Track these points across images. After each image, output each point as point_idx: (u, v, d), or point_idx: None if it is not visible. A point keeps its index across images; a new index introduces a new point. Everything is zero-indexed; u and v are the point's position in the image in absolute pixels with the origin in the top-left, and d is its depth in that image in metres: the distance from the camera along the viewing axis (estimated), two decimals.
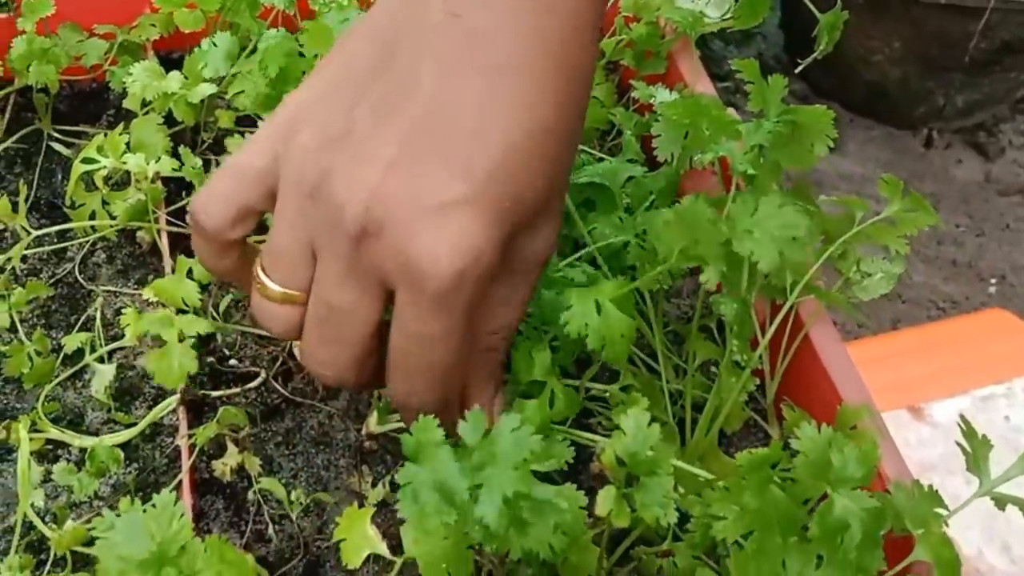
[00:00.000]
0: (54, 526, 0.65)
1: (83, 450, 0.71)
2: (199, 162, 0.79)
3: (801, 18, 2.09)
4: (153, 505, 0.52)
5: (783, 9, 2.12)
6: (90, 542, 0.61)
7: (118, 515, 0.52)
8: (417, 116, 0.48)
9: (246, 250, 0.56)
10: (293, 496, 0.69)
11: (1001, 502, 0.60)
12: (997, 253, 2.11)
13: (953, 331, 1.53)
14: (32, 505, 0.66)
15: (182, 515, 0.52)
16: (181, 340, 0.69)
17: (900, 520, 0.59)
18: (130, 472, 0.72)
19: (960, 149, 2.17)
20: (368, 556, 0.66)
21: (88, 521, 0.68)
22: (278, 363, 0.77)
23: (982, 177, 2.15)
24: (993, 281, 2.11)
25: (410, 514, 0.49)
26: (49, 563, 0.66)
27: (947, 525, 0.60)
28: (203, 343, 0.75)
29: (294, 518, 0.70)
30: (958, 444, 0.61)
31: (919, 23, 1.85)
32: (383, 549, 0.59)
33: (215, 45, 0.77)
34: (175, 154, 0.79)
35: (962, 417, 0.61)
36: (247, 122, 0.89)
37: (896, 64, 1.98)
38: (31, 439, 0.68)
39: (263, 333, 0.78)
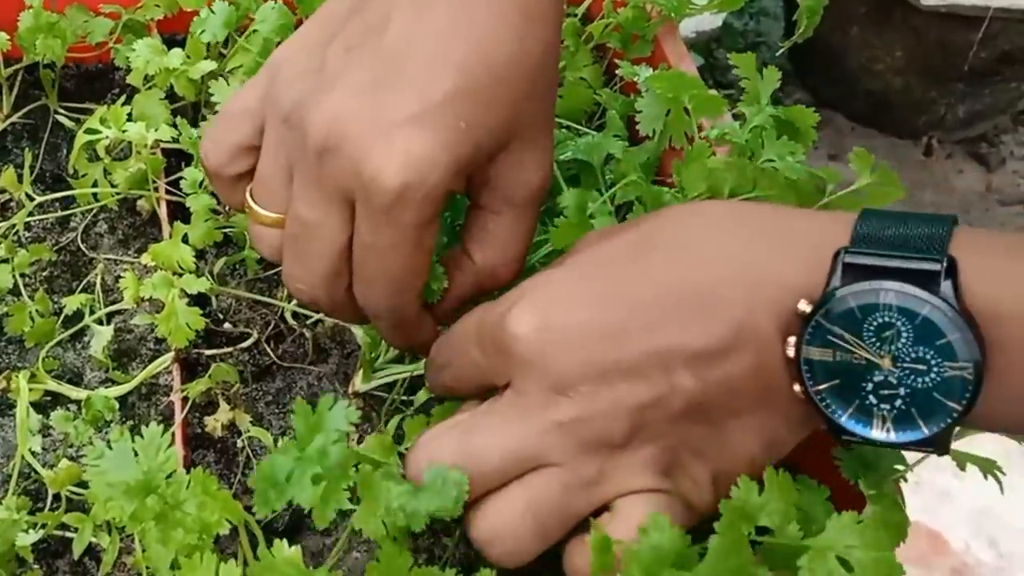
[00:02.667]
0: (49, 470, 0.68)
1: (80, 403, 0.73)
2: (196, 133, 0.82)
3: None
4: (141, 436, 0.54)
5: (787, 18, 2.15)
6: (84, 484, 0.64)
7: (109, 446, 0.54)
8: (383, 48, 0.53)
9: None
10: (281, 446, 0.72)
11: (961, 461, 0.62)
12: None
13: None
14: (30, 451, 0.68)
15: (169, 446, 0.54)
16: (180, 299, 0.72)
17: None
18: (126, 427, 0.75)
19: (961, 159, 2.19)
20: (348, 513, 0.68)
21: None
22: (270, 327, 0.80)
23: (983, 187, 2.18)
24: None
25: (261, 513, 0.53)
26: (47, 508, 0.69)
27: (905, 480, 0.62)
28: (199, 306, 0.77)
29: None
30: None
31: (921, 32, 1.87)
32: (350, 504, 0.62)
33: (212, 12, 0.81)
34: (175, 127, 0.82)
35: None
36: None
37: (898, 73, 2.00)
38: (30, 390, 0.71)
39: (257, 297, 0.81)
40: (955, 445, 0.63)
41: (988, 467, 0.61)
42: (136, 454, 0.54)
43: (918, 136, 2.16)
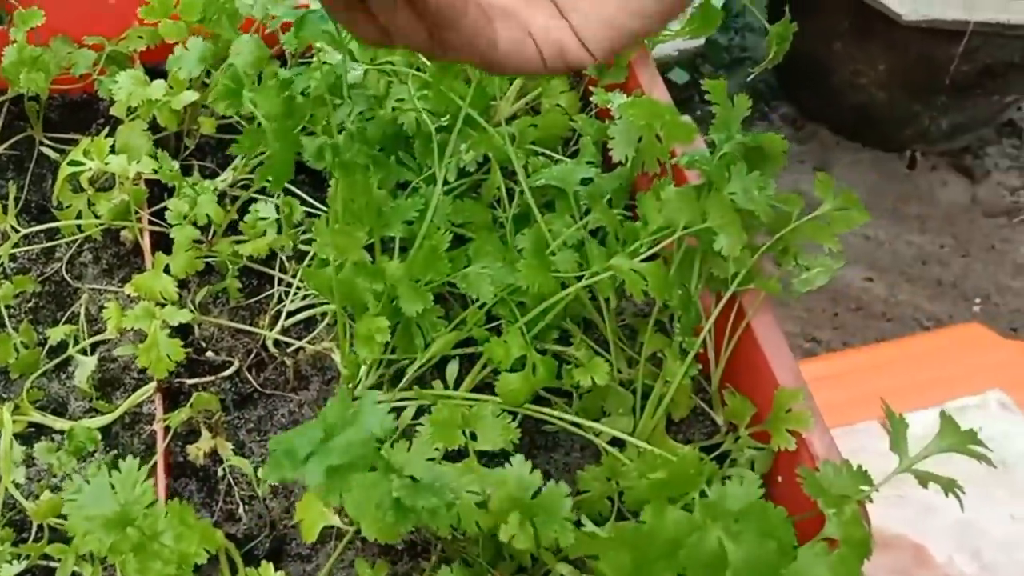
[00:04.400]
0: (33, 501, 0.69)
1: (64, 433, 0.75)
2: (176, 165, 0.83)
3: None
4: (119, 471, 0.56)
5: None
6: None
7: (87, 480, 0.55)
8: None
9: None
10: (260, 473, 0.73)
11: (922, 479, 0.64)
12: (982, 273, 2.14)
13: (931, 344, 1.57)
14: (14, 482, 0.69)
15: (147, 479, 0.56)
16: (162, 330, 0.73)
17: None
18: (109, 457, 0.76)
19: (946, 171, 2.21)
20: (331, 533, 0.70)
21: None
22: (252, 355, 0.81)
23: (968, 199, 2.19)
24: (978, 301, 2.14)
25: (270, 477, 0.54)
26: (31, 539, 0.70)
27: (871, 501, 0.63)
28: (182, 336, 0.78)
29: (263, 498, 0.73)
30: (882, 425, 0.65)
31: (903, 47, 1.89)
32: (336, 520, 0.63)
33: (187, 49, 0.82)
34: (157, 158, 0.83)
35: (882, 399, 0.65)
36: (228, 129, 0.93)
37: (881, 87, 2.02)
38: (14, 421, 0.72)
39: (239, 326, 0.82)
40: (928, 465, 0.64)
41: (948, 486, 0.62)
42: (114, 487, 0.55)
43: (902, 149, 2.18)
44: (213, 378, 0.79)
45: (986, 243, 2.17)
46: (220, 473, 0.75)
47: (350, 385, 0.73)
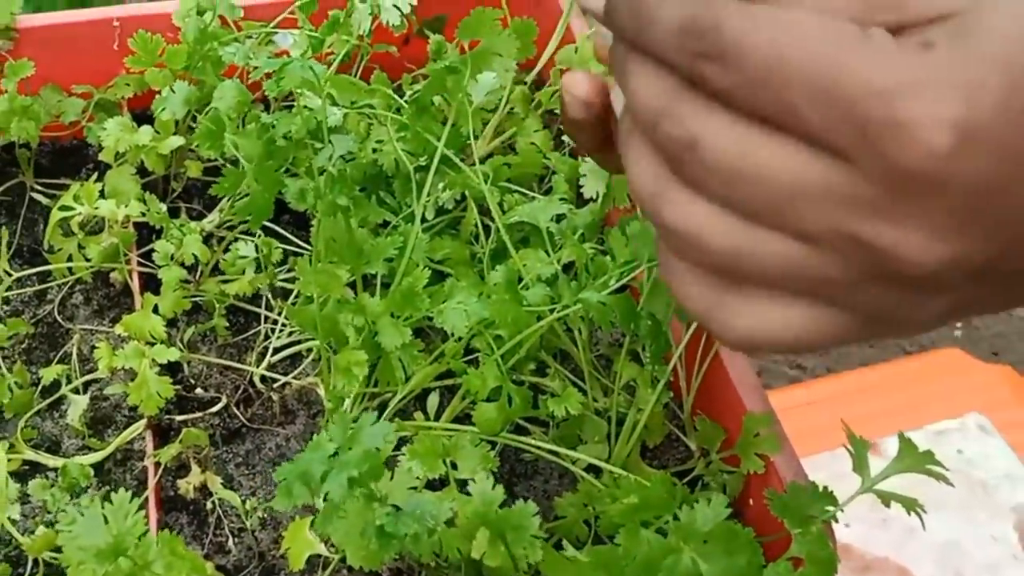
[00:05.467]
0: (28, 536, 0.71)
1: (57, 471, 0.77)
2: (164, 208, 0.86)
3: None
4: (111, 503, 0.58)
5: None
6: (61, 549, 0.67)
7: (80, 512, 0.58)
8: None
9: None
10: (248, 505, 0.76)
11: (884, 499, 0.66)
12: None
13: (912, 369, 1.60)
14: (9, 519, 0.72)
15: (137, 512, 0.58)
16: (152, 368, 0.76)
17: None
18: (102, 493, 0.78)
19: None
20: (318, 562, 0.72)
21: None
22: (240, 391, 0.84)
23: None
24: (959, 325, 2.17)
25: (281, 505, 0.56)
26: (27, 574, 0.72)
27: (836, 520, 0.66)
28: (171, 373, 0.81)
29: (251, 530, 0.76)
30: (844, 447, 0.67)
31: None
32: (322, 549, 0.66)
33: (173, 92, 0.85)
34: (145, 202, 0.86)
35: (842, 420, 0.67)
36: (215, 172, 0.96)
37: None
38: (9, 460, 0.74)
39: (226, 363, 0.85)
40: (902, 487, 0.67)
41: (910, 505, 0.65)
42: (107, 519, 0.57)
43: None
44: (202, 414, 0.82)
45: None
46: (210, 506, 0.77)
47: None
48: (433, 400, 0.78)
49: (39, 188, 0.98)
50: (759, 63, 0.34)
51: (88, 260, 0.88)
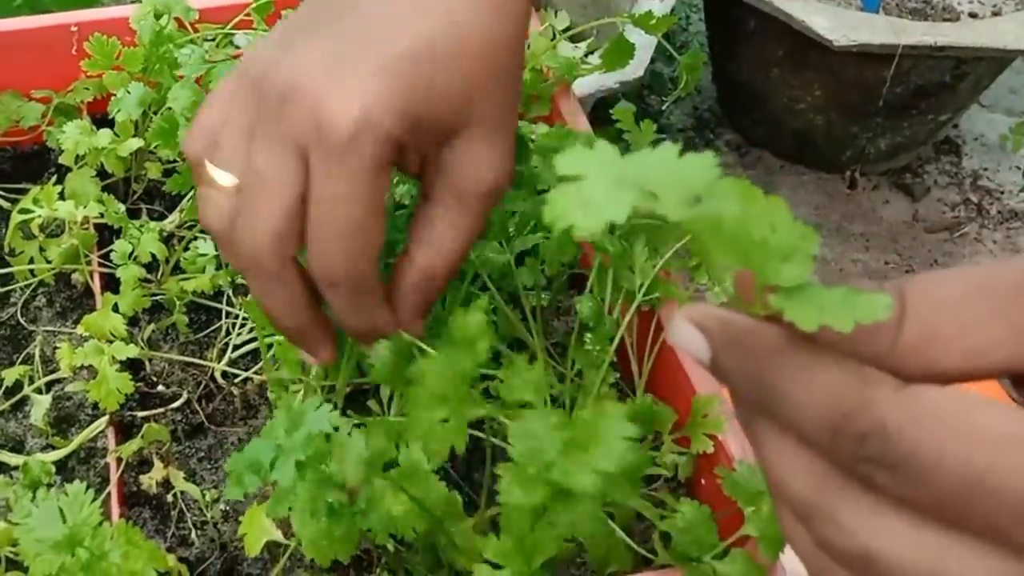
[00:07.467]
0: None
1: (19, 467, 0.78)
2: (122, 207, 0.87)
3: (727, 72, 2.20)
4: (66, 494, 0.59)
5: (713, 63, 2.22)
6: None
7: (36, 505, 0.59)
8: (349, 20, 0.55)
9: None
10: (210, 498, 0.77)
11: None
12: None
13: None
14: None
15: (92, 502, 0.59)
16: (112, 365, 0.77)
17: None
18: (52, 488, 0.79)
19: (887, 190, 2.27)
20: (278, 551, 0.73)
21: None
22: (201, 387, 0.85)
23: (910, 216, 2.25)
24: None
25: (233, 495, 0.57)
26: None
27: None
28: (133, 371, 0.82)
29: (213, 522, 0.77)
30: None
31: (837, 71, 1.95)
32: (278, 535, 0.67)
33: (128, 93, 0.86)
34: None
35: None
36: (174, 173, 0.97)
37: (819, 112, 2.08)
38: None
39: (188, 359, 0.86)
40: None
41: None
42: (62, 511, 0.58)
43: (843, 170, 2.24)
44: (164, 410, 0.83)
45: (929, 258, 2.23)
46: (172, 500, 0.78)
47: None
48: (386, 391, 0.80)
49: (0, 194, 0.99)
50: (951, 481, 0.29)
51: (49, 262, 0.89)
